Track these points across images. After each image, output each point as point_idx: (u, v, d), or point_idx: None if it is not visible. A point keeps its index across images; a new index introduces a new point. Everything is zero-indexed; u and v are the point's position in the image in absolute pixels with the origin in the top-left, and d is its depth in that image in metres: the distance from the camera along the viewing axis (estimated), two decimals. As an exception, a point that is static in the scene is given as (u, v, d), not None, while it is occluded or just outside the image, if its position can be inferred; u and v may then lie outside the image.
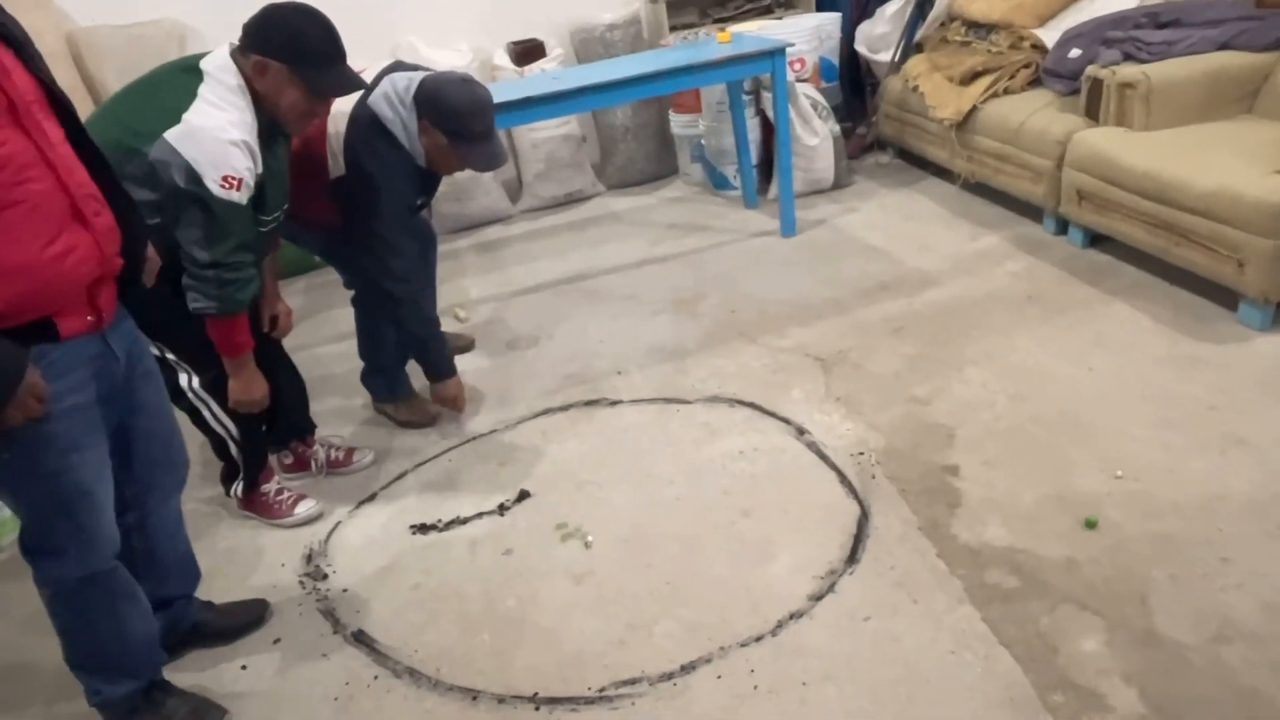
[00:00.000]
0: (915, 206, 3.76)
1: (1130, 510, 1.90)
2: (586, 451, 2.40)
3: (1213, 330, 2.51)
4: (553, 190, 4.36)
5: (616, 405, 2.61)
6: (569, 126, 4.27)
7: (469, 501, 2.27)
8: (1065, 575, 1.76)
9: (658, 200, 4.32)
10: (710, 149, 4.23)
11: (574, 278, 3.56)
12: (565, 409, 2.62)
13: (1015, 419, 2.26)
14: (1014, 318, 2.74)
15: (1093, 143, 2.93)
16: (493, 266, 3.81)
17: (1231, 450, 2.03)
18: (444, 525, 2.20)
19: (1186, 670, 1.53)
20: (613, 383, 2.73)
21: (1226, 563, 1.73)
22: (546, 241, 3.99)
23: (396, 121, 2.16)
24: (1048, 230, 3.28)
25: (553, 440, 2.48)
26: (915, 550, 1.89)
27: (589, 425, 2.52)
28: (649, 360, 2.82)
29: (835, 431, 2.33)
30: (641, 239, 3.86)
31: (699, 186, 4.42)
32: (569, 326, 3.14)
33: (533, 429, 2.55)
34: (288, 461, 2.48)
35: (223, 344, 1.91)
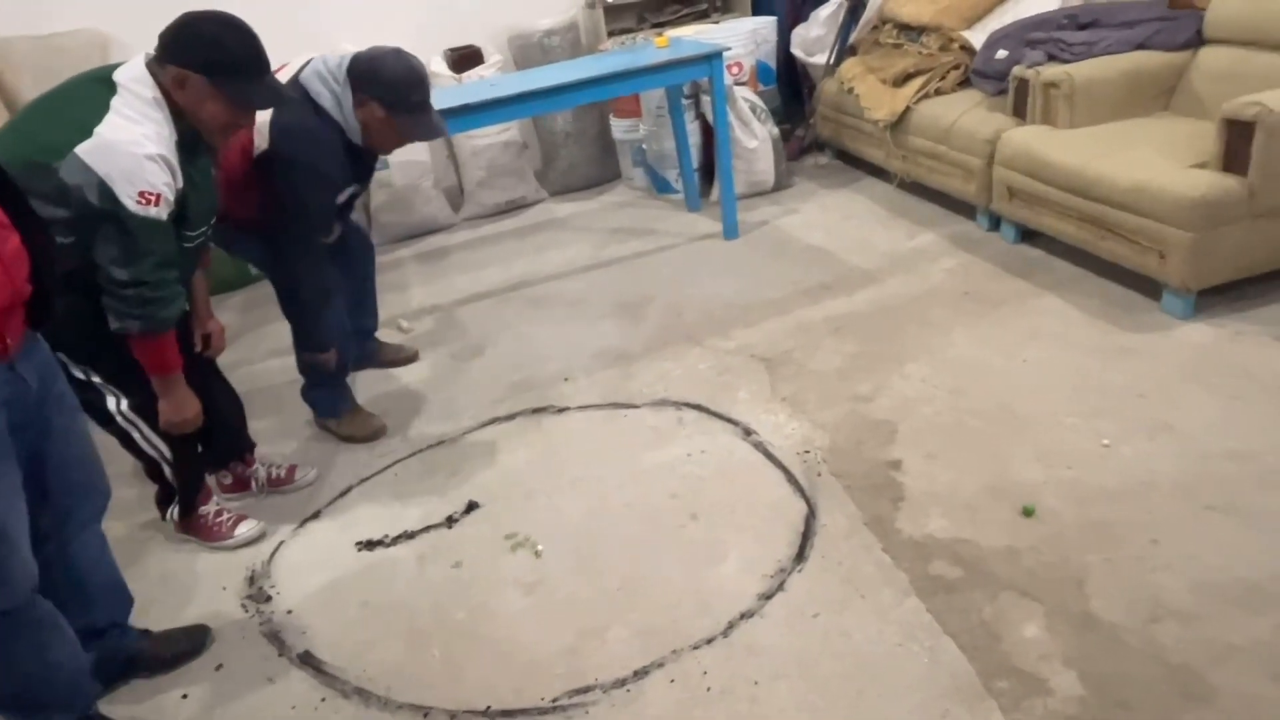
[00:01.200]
0: (854, 206, 3.82)
1: (1066, 498, 1.95)
2: (535, 460, 2.39)
3: (1139, 320, 2.59)
4: (495, 197, 4.32)
5: (564, 412, 2.59)
6: (509, 133, 4.25)
7: (416, 515, 2.24)
8: (1006, 564, 1.80)
9: (601, 205, 4.32)
10: (652, 153, 4.24)
11: (518, 285, 3.53)
12: (512, 418, 2.60)
13: (954, 413, 2.31)
14: (951, 313, 2.80)
15: (1020, 141, 3.01)
16: (436, 276, 3.76)
17: (1159, 435, 2.10)
18: (391, 540, 2.16)
19: (1122, 651, 1.57)
20: (560, 389, 2.71)
21: (1157, 545, 1.79)
22: (490, 249, 3.95)
23: (329, 96, 2.11)
24: (981, 227, 3.36)
25: (500, 449, 2.45)
26: (862, 545, 1.91)
27: (537, 433, 2.51)
28: (595, 365, 2.81)
29: (781, 431, 2.35)
30: (585, 244, 3.86)
31: (642, 191, 4.43)
32: (514, 334, 3.12)
33: (480, 439, 2.52)
34: (227, 482, 2.41)
35: (150, 363, 1.84)
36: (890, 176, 3.87)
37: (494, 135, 4.21)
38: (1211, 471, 1.96)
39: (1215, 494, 1.89)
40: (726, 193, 3.63)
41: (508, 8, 4.43)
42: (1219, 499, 1.87)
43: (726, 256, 3.51)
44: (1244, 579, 1.67)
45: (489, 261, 3.81)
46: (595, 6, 4.44)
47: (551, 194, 4.52)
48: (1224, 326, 2.49)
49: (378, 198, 4.16)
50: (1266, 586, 1.65)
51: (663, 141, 4.13)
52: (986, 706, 1.51)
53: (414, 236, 4.24)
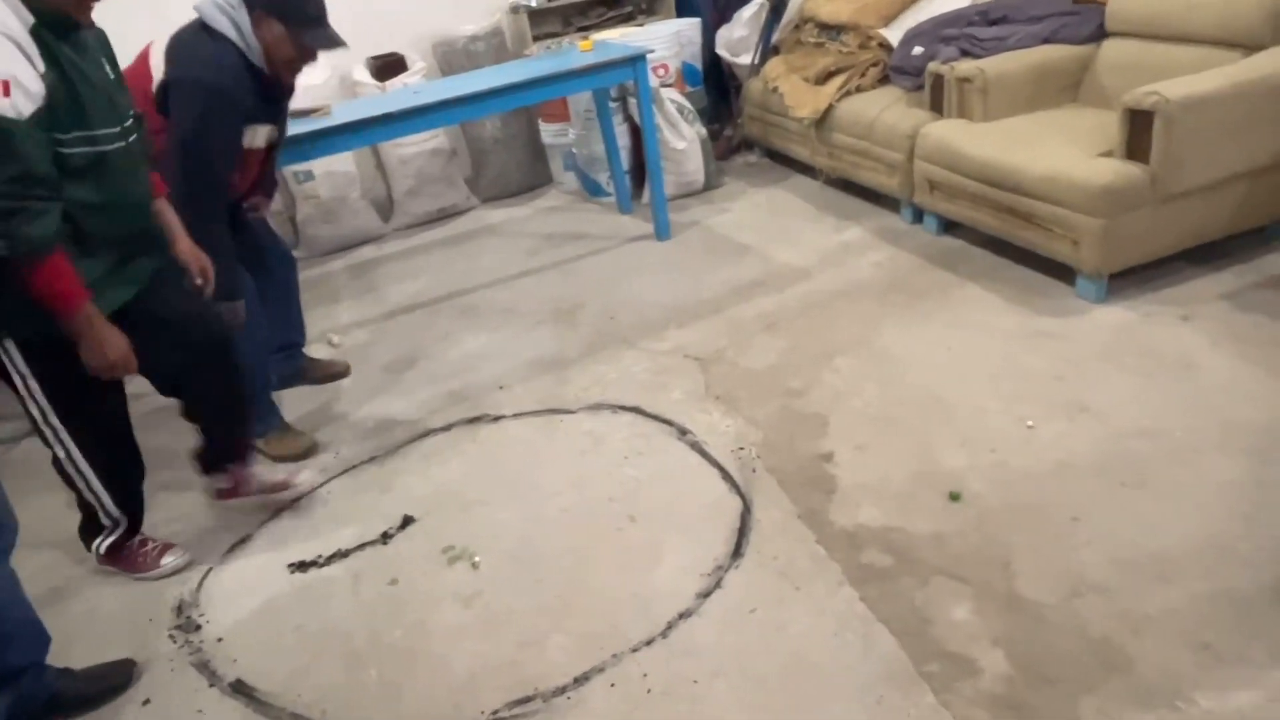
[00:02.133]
0: (783, 203, 3.87)
1: (990, 481, 2.01)
2: (471, 470, 2.36)
3: (1056, 305, 2.68)
4: (425, 206, 4.27)
5: (499, 420, 2.57)
6: (437, 140, 4.20)
7: (350, 533, 2.20)
8: (935, 549, 1.84)
9: (533, 210, 4.30)
10: (582, 157, 4.23)
11: (451, 294, 3.49)
12: (447, 429, 2.57)
13: (883, 404, 2.35)
14: (878, 306, 2.85)
15: (938, 135, 3.09)
16: (366, 288, 3.70)
17: (1077, 416, 2.17)
18: (325, 560, 2.12)
19: (1046, 628, 1.62)
20: (495, 398, 2.69)
21: (1077, 523, 1.85)
22: (421, 259, 3.91)
23: (226, 20, 2.03)
24: (905, 220, 3.44)
25: (436, 462, 2.42)
26: (796, 539, 1.94)
27: (472, 443, 2.48)
28: (530, 372, 2.80)
29: (716, 429, 2.36)
30: (518, 250, 3.83)
31: (573, 195, 4.42)
32: (448, 344, 3.08)
33: (415, 452, 2.49)
34: (224, 486, 2.26)
35: (46, 296, 1.58)
36: (817, 173, 3.93)
37: (421, 143, 4.15)
38: (1126, 449, 2.03)
39: (1129, 471, 1.96)
40: (657, 194, 3.64)
41: (431, 14, 4.37)
42: (1133, 476, 1.94)
43: (659, 257, 3.52)
44: (1157, 552, 1.74)
45: (420, 271, 3.76)
46: (519, 11, 4.41)
47: (483, 200, 4.48)
48: (1135, 308, 2.59)
49: (304, 210, 4.07)
50: (1178, 558, 1.72)
51: (592, 145, 4.12)
52: (919, 690, 1.54)
53: (343, 249, 4.15)
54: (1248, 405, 2.10)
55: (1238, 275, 2.67)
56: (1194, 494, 1.87)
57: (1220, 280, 2.66)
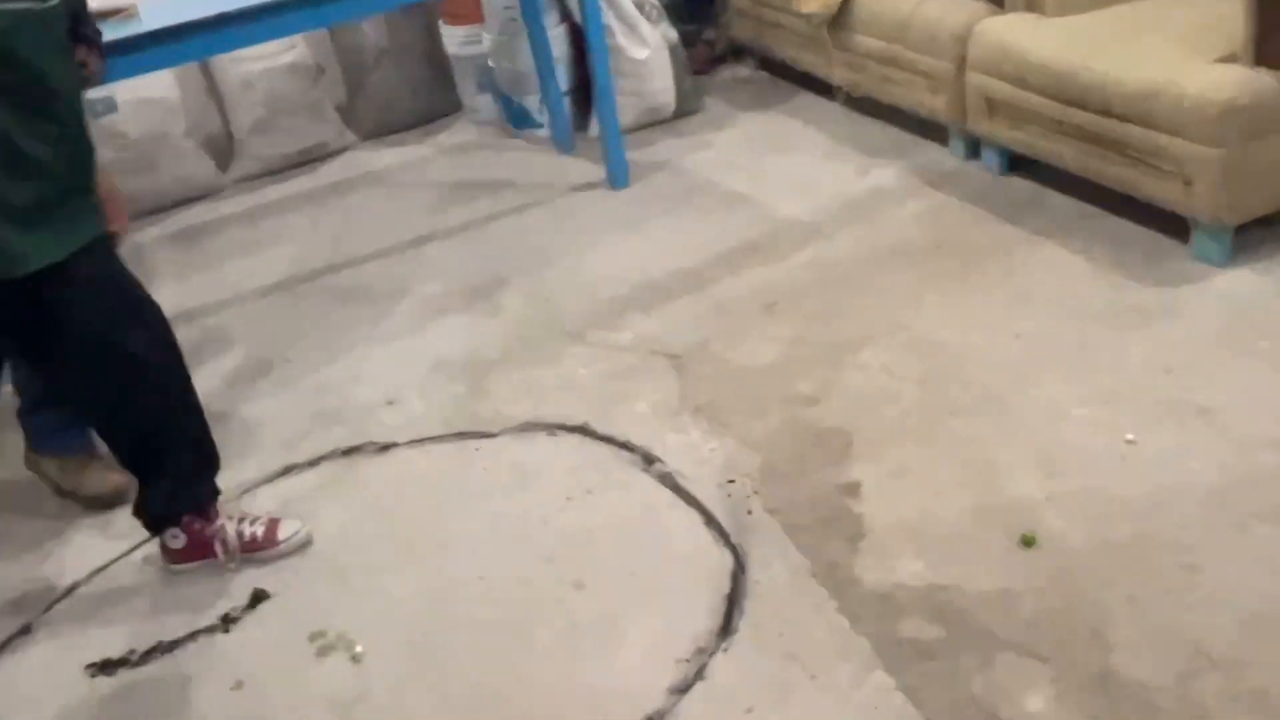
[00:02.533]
0: (786, 134, 3.89)
1: (1075, 517, 2.03)
2: (349, 522, 2.36)
3: (1163, 270, 2.72)
4: (279, 147, 4.24)
5: (389, 450, 2.57)
6: (295, 52, 4.18)
7: (176, 617, 2.18)
8: (1000, 614, 1.86)
9: (434, 150, 4.29)
10: (503, 74, 4.23)
11: (319, 272, 3.47)
12: (315, 464, 2.57)
13: (926, 411, 2.37)
14: (919, 276, 2.88)
15: (999, 35, 3.13)
16: (197, 264, 3.66)
17: (1192, 423, 2.21)
18: (139, 658, 2.10)
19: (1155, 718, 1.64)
20: (382, 418, 2.68)
21: (1193, 572, 1.88)
22: (274, 222, 3.88)
23: None
24: (956, 154, 3.48)
25: (298, 511, 2.41)
26: (809, 605, 1.95)
27: (351, 484, 2.48)
28: (433, 381, 2.79)
29: (696, 454, 2.37)
30: (414, 207, 3.82)
31: (492, 127, 4.42)
32: (315, 343, 3.07)
33: (268, 498, 2.47)
34: (176, 546, 2.28)
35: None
36: (833, 92, 3.95)
37: (273, 56, 4.12)
38: (1259, 468, 2.07)
39: (1264, 499, 2.00)
40: (608, 125, 3.64)
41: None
42: (1269, 505, 1.98)
43: (614, 214, 3.52)
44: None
45: (274, 239, 3.74)
46: None
47: (363, 137, 4.46)
48: (1271, 273, 2.64)
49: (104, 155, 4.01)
50: (1331, 615, 1.76)
51: (517, 57, 4.12)
52: (980, 813, 1.56)
53: (162, 209, 4.11)
54: None
55: None
56: (1353, 527, 1.91)
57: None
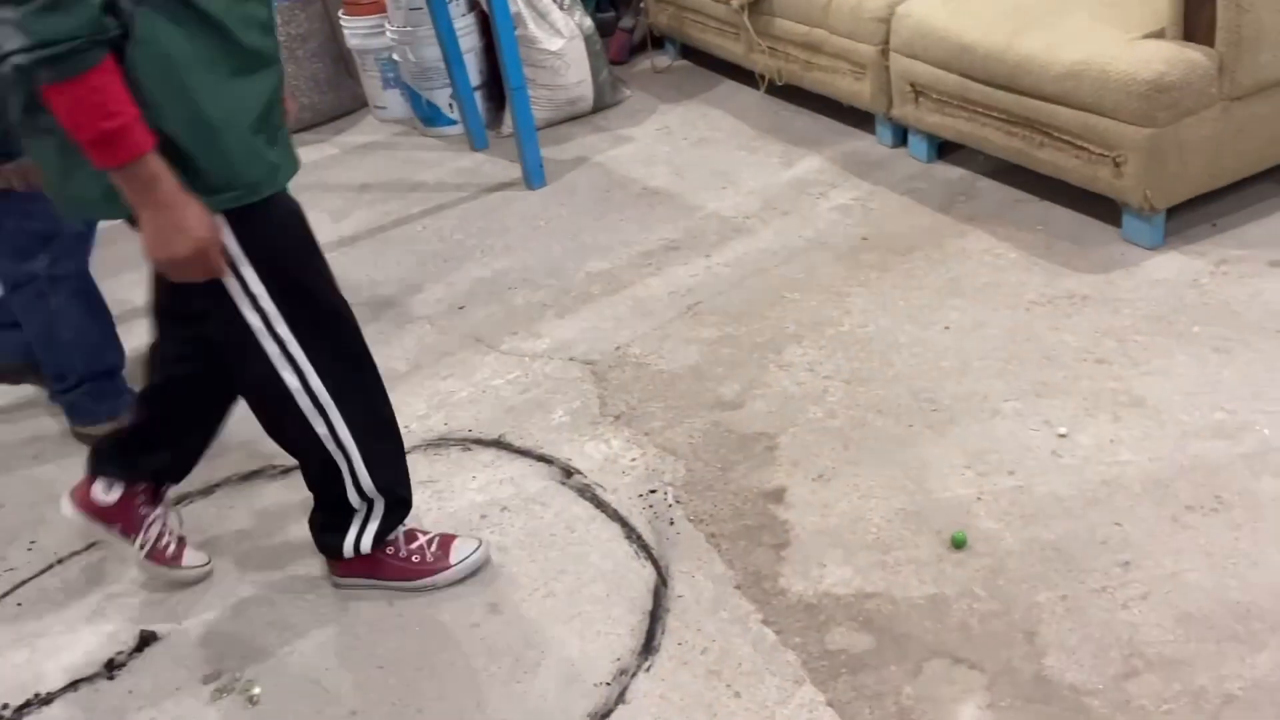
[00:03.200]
0: (709, 125, 3.92)
1: (1007, 516, 2.05)
2: (246, 553, 2.32)
3: (1096, 255, 2.77)
4: (171, 151, 4.17)
5: (291, 473, 2.53)
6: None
7: (57, 665, 2.13)
8: (931, 620, 1.88)
9: (338, 150, 4.27)
10: (409, 67, 4.20)
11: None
12: (210, 491, 2.53)
13: (854, 411, 2.39)
14: (845, 270, 2.91)
15: (922, 17, 3.16)
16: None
17: (1125, 414, 2.24)
18: (12, 714, 2.05)
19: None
20: None
21: (1128, 568, 1.90)
22: (167, 232, 3.82)
23: None
24: (883, 142, 3.52)
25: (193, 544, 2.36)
26: (734, 619, 1.95)
27: (249, 510, 2.44)
28: None
29: (617, 465, 2.37)
30: (316, 213, 3.76)
31: (400, 124, 4.41)
32: None
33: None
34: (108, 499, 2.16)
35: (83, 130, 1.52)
36: (756, 79, 3.97)
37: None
38: (1195, 458, 2.10)
39: (1200, 490, 2.03)
40: (522, 121, 3.62)
41: None
42: (1205, 496, 2.02)
43: (529, 215, 3.52)
44: (1240, 603, 1.80)
45: (167, 251, 3.68)
46: None
47: (262, 140, 4.41)
48: (1204, 254, 2.69)
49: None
50: (1269, 609, 1.78)
51: (423, 49, 4.09)
52: (912, 831, 1.56)
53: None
54: (1358, 384, 2.21)
55: (1342, 200, 2.81)
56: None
57: (1317, 209, 2.79)
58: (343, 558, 2.11)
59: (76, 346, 2.62)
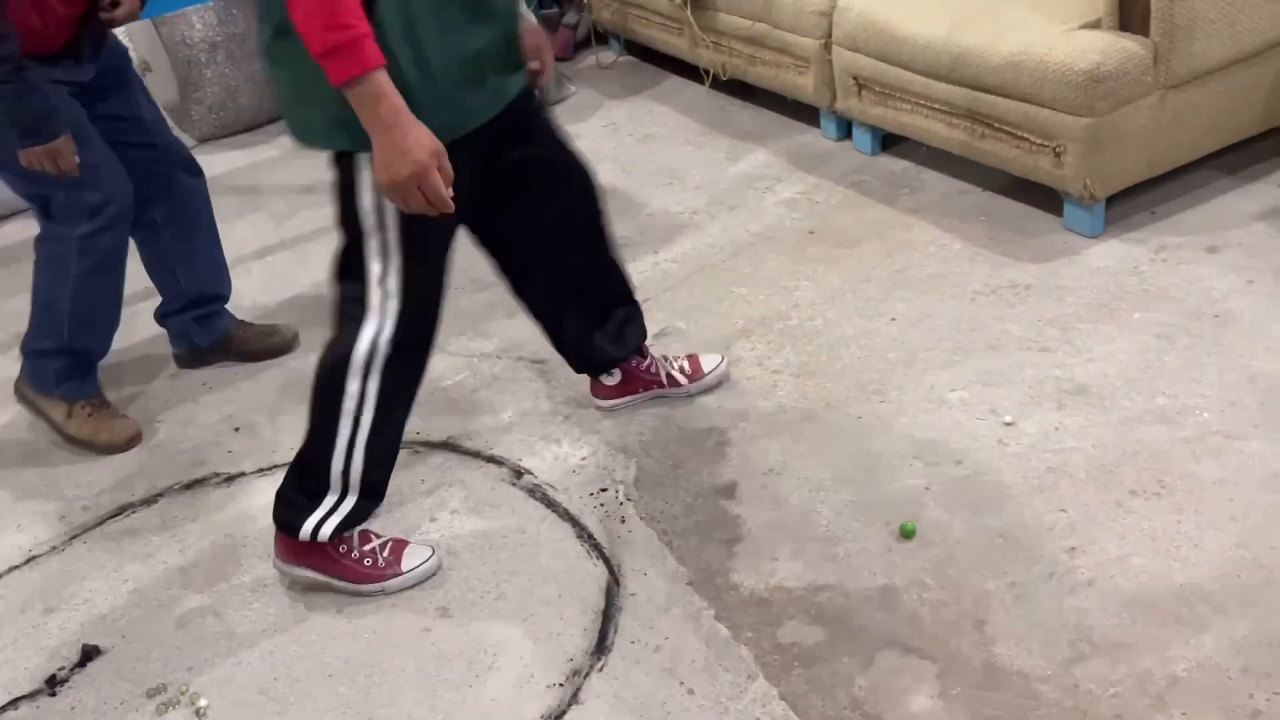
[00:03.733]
0: (655, 121, 3.93)
1: (955, 505, 2.08)
2: (191, 563, 2.30)
3: (1039, 245, 2.80)
4: (108, 155, 4.11)
5: (236, 481, 2.52)
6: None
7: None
8: (882, 611, 1.89)
9: (281, 151, 4.23)
10: (350, 67, 4.16)
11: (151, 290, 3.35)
12: (153, 501, 2.51)
13: (803, 404, 2.41)
14: (792, 263, 2.93)
15: (862, 10, 3.17)
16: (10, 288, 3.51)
17: (1072, 402, 2.27)
18: (-48, 730, 2.01)
19: (1040, 709, 1.68)
20: (227, 445, 2.63)
21: (1075, 554, 1.93)
22: (106, 238, 3.76)
23: None
24: (827, 135, 3.54)
25: (134, 556, 2.34)
26: (686, 616, 1.95)
27: (193, 521, 2.42)
28: (284, 401, 2.75)
29: (567, 463, 2.38)
30: (259, 216, 3.75)
31: (343, 125, 4.36)
32: (153, 366, 3.01)
33: (99, 544, 2.40)
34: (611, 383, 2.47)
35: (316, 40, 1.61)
36: (702, 74, 3.98)
37: (94, 58, 3.99)
38: (1138, 443, 2.14)
39: (1143, 474, 2.07)
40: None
41: None
42: (1148, 480, 2.05)
43: (475, 213, 3.49)
44: (1184, 585, 1.84)
45: (105, 257, 3.63)
46: None
47: (200, 140, 4.38)
48: (1144, 241, 2.74)
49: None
50: (1212, 591, 1.82)
51: (364, 48, 4.06)
52: (866, 822, 1.57)
53: (-22, 230, 3.95)
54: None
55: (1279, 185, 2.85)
56: (1230, 497, 1.98)
57: (1256, 195, 2.84)
58: (297, 538, 2.09)
59: (69, 318, 2.63)
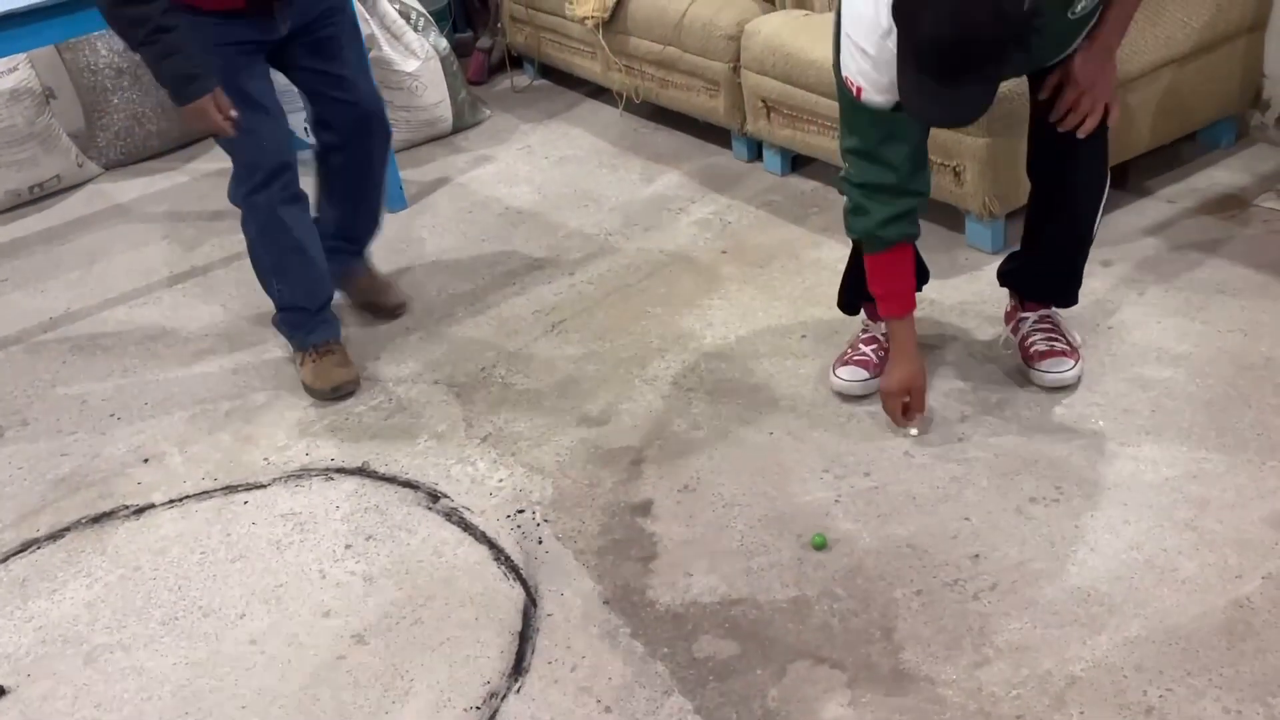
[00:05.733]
0: (570, 144, 3.97)
1: (864, 517, 2.13)
2: (99, 598, 2.27)
3: (941, 261, 2.87)
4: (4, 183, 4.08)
5: (145, 513, 2.49)
6: (16, 75, 4.02)
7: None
8: (794, 622, 1.94)
9: (190, 178, 4.21)
10: (261, 92, 4.14)
11: (59, 320, 3.34)
12: (59, 535, 2.47)
13: (717, 421, 2.45)
14: (706, 282, 2.98)
15: (769, 34, 3.25)
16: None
17: (972, 412, 2.34)
18: None
19: (945, 714, 1.73)
20: (136, 476, 2.60)
21: (978, 561, 1.99)
22: (3, 267, 3.73)
23: None
24: (739, 157, 3.61)
25: (40, 592, 2.31)
26: (603, 634, 1.98)
27: (101, 555, 2.39)
28: (194, 430, 2.73)
29: (483, 486, 2.39)
30: (169, 242, 3.72)
31: (255, 151, 4.32)
32: (56, 401, 2.96)
33: (2, 582, 2.36)
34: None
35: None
36: (615, 98, 4.03)
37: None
38: (1035, 450, 2.21)
39: (1040, 480, 2.14)
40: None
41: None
42: (1045, 487, 2.13)
43: (389, 238, 3.48)
44: (1080, 587, 1.91)
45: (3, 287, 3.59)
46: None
47: (106, 167, 4.34)
48: (1042, 257, 2.82)
49: None
50: (1105, 592, 1.89)
51: (275, 73, 4.04)
52: (780, 829, 1.60)
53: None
54: (1185, 375, 2.35)
55: (1168, 201, 2.98)
56: (1120, 501, 2.07)
57: (1146, 210, 2.96)
58: None
59: (270, 274, 2.82)
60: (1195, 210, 2.93)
